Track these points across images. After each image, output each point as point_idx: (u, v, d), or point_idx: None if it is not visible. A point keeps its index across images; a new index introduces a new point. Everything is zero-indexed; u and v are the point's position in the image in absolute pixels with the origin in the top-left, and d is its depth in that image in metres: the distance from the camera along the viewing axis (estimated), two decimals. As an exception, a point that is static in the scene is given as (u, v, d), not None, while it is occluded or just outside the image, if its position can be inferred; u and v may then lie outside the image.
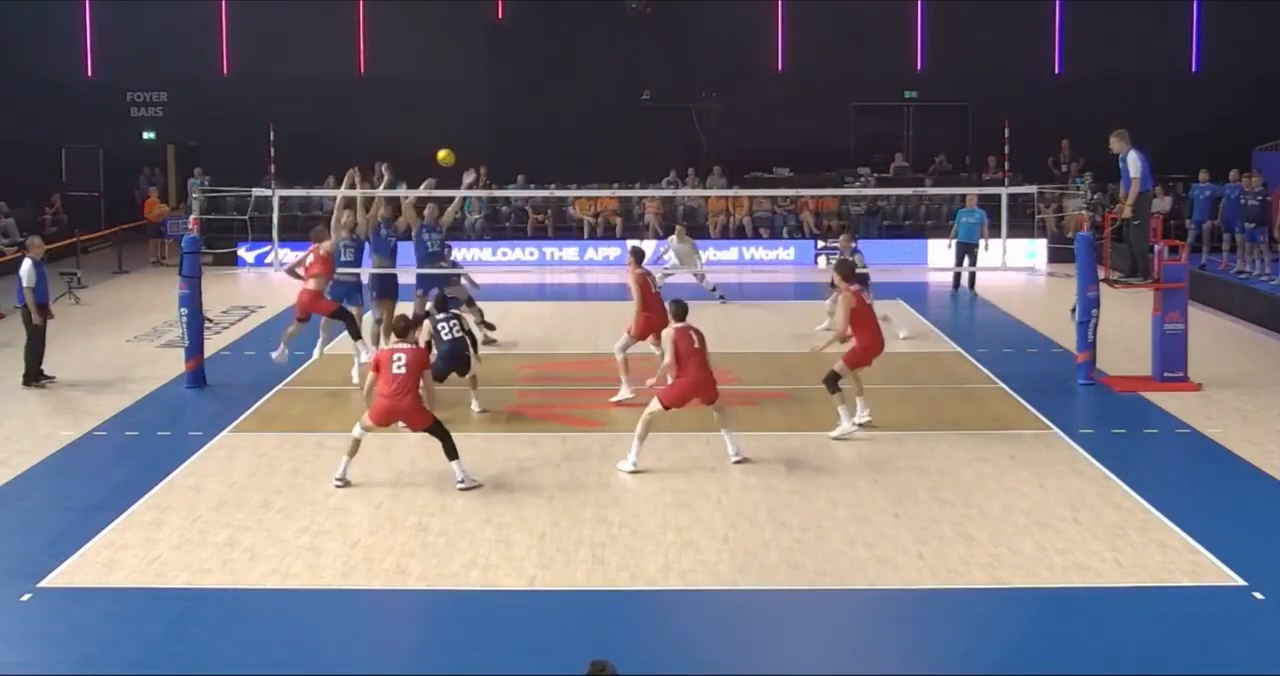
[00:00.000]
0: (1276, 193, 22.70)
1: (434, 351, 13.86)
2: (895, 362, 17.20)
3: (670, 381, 12.39)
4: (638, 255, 15.70)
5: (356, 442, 11.82)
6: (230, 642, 8.51)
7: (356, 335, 15.74)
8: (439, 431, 11.76)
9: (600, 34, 30.84)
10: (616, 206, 28.84)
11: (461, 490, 11.47)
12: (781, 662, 8.27)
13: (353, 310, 16.11)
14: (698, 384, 12.38)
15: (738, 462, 12.25)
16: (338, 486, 11.59)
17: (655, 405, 12.35)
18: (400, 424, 11.82)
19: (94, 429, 13.82)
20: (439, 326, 14.16)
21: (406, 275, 17.07)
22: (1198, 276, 19.70)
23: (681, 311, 12.83)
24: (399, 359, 11.59)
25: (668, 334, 12.56)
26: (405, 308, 16.25)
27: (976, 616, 9.07)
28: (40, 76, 31.41)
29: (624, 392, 14.77)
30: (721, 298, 21.60)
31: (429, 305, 14.70)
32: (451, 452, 11.69)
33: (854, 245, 18.98)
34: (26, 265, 15.80)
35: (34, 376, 15.72)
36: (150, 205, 28.87)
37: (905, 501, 11.15)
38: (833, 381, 13.42)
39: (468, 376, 14.19)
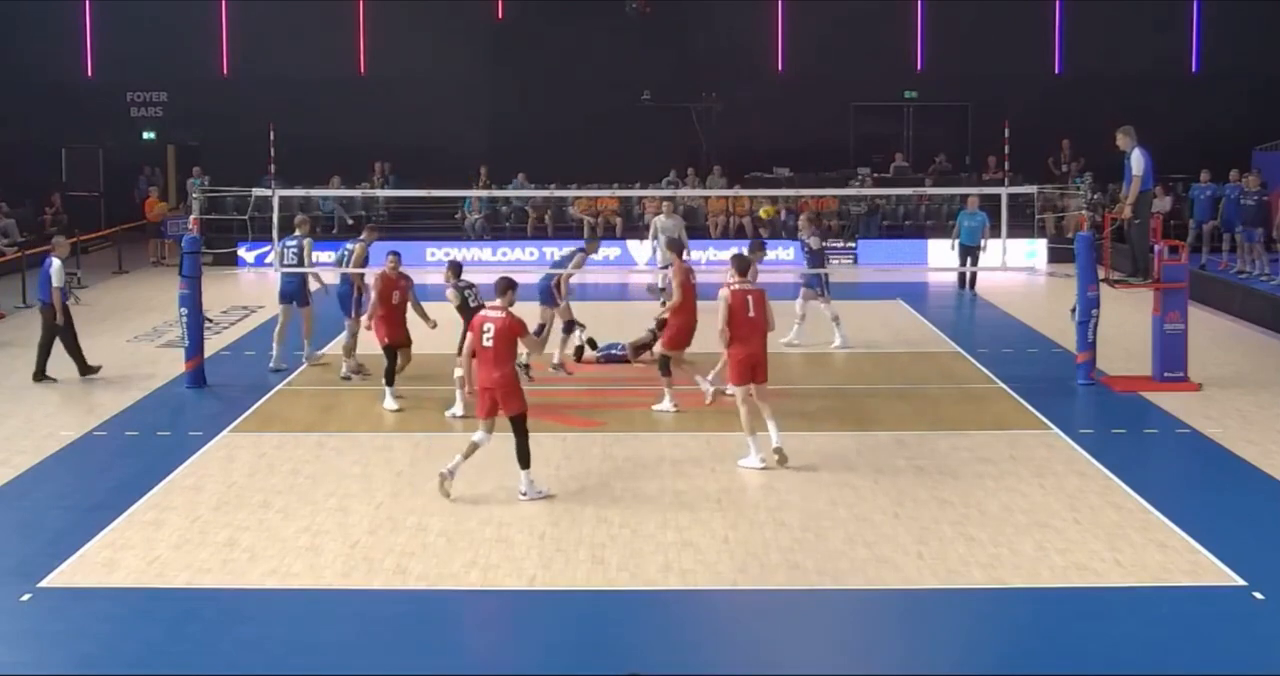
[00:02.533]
0: (1276, 193, 22.70)
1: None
2: (895, 362, 17.24)
3: (725, 352, 11.93)
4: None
5: (473, 446, 11.19)
6: (230, 642, 8.51)
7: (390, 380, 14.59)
8: (520, 428, 11.14)
9: (600, 34, 30.85)
10: (616, 206, 28.85)
11: (525, 500, 11.15)
12: (781, 662, 8.27)
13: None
14: (753, 360, 11.79)
15: (776, 451, 11.97)
16: (447, 489, 11.25)
17: (733, 389, 12.12)
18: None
19: (94, 429, 13.82)
20: (465, 294, 14.08)
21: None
22: (1198, 276, 19.70)
23: (744, 266, 12.05)
24: (488, 329, 10.96)
25: (724, 295, 11.90)
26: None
27: (976, 616, 9.07)
28: (40, 76, 31.43)
29: (665, 403, 14.08)
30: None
31: (447, 272, 14.44)
32: (524, 459, 11.14)
33: (815, 230, 18.49)
34: (57, 264, 16.03)
35: (87, 368, 16.18)
36: (150, 205, 28.88)
37: (905, 501, 11.15)
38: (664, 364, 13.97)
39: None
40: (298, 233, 17.05)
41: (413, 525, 10.61)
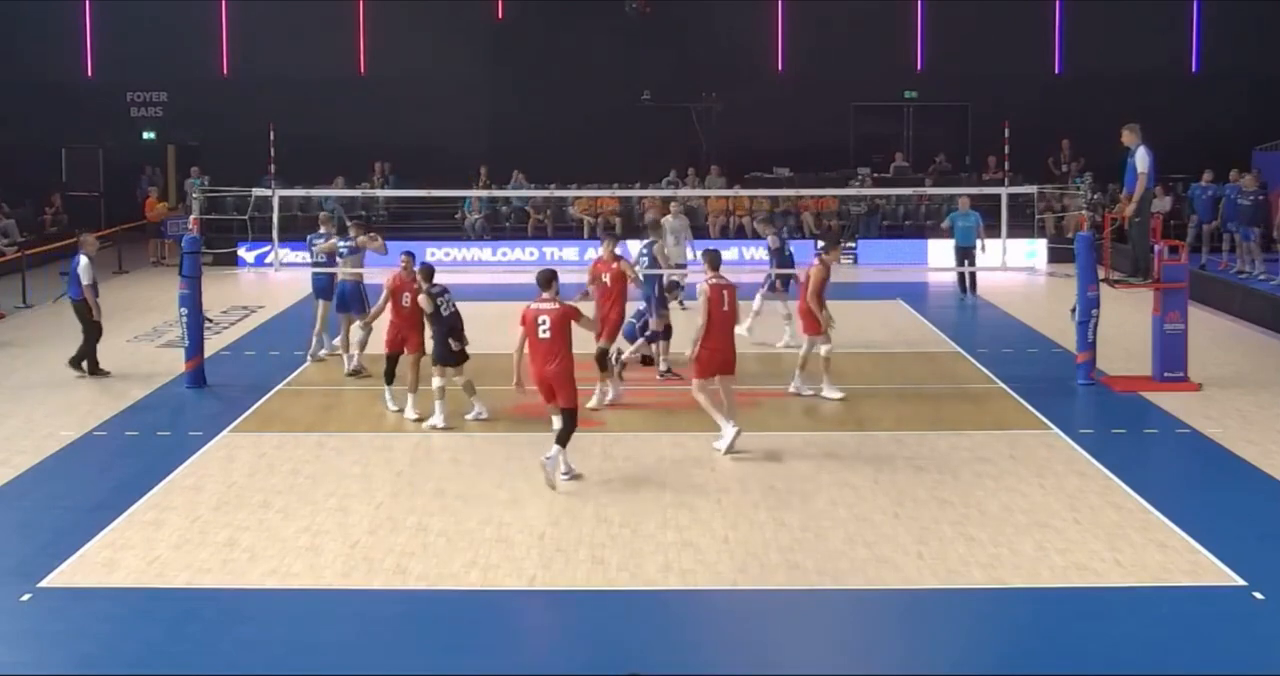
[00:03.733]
0: (1275, 193, 22.71)
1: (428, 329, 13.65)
2: (895, 362, 17.23)
3: (697, 347, 12.13)
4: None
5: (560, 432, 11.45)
6: (230, 642, 8.51)
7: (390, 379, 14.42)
8: (570, 420, 11.48)
9: (600, 34, 30.85)
10: (616, 206, 28.84)
11: (566, 480, 11.51)
12: (781, 662, 8.27)
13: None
14: (723, 354, 12.03)
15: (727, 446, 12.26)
16: (552, 482, 11.33)
17: (696, 384, 12.23)
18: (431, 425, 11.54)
19: (94, 429, 13.82)
20: (438, 301, 13.50)
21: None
22: (1198, 276, 19.69)
23: (716, 260, 12.27)
24: (543, 323, 11.26)
25: (703, 289, 12.10)
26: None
27: (976, 616, 9.07)
28: (40, 76, 31.42)
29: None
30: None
31: (418, 275, 13.70)
32: (564, 438, 11.46)
33: (773, 230, 18.55)
34: (84, 262, 16.06)
35: (96, 366, 16.17)
36: (150, 205, 28.88)
37: (905, 501, 11.15)
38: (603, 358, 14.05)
39: (464, 382, 13.72)
40: (323, 230, 17.16)
41: (413, 525, 10.61)
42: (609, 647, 8.44)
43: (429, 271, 13.76)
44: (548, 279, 11.54)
